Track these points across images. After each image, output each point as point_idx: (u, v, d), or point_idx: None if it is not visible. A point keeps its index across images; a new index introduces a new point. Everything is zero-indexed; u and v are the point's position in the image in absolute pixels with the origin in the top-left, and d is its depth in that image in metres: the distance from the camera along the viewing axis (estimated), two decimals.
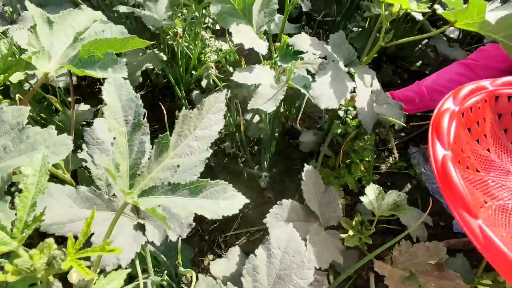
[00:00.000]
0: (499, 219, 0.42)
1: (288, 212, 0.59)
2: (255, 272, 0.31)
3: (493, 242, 0.33)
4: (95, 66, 0.50)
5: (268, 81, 0.63)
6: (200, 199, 0.26)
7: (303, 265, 0.32)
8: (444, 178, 0.36)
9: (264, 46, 0.62)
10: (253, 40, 0.59)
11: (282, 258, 0.32)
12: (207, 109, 0.32)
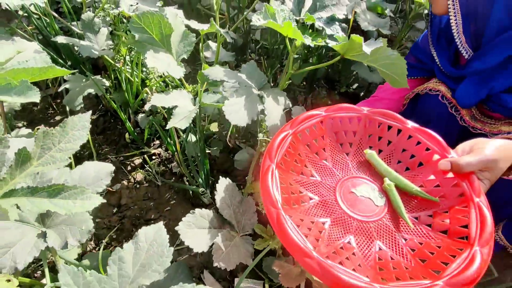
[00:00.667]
0: (319, 210, 0.54)
1: (201, 220, 0.64)
2: (120, 262, 0.36)
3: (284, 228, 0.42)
4: (11, 93, 0.55)
5: (185, 103, 0.71)
6: (57, 199, 0.32)
7: (163, 254, 0.37)
8: (261, 180, 0.47)
9: (180, 72, 0.70)
10: (168, 66, 0.67)
11: (147, 250, 0.38)
12: (71, 127, 0.39)
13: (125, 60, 1.04)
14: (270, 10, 0.60)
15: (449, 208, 0.53)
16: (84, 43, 0.90)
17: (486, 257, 0.43)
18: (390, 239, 0.52)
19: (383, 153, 0.65)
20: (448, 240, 0.50)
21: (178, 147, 0.96)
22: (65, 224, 0.48)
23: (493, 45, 0.66)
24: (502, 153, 0.52)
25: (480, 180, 0.53)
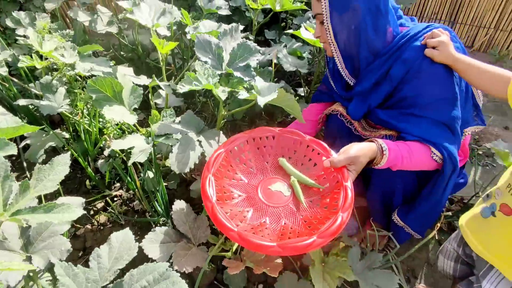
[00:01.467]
0: (246, 203, 0.76)
1: (161, 236, 0.79)
2: (98, 258, 0.49)
3: (216, 215, 0.62)
4: None
5: (140, 143, 0.88)
6: (51, 214, 0.46)
7: (130, 248, 0.52)
8: (201, 185, 0.70)
9: (133, 119, 0.88)
10: (122, 116, 0.85)
11: (118, 247, 0.52)
12: (56, 163, 0.54)
13: (83, 113, 1.19)
14: (191, 76, 0.82)
15: (330, 191, 0.76)
16: (44, 103, 1.04)
17: (345, 218, 0.67)
18: (292, 216, 0.75)
19: (291, 159, 0.88)
20: (327, 212, 0.73)
21: (138, 184, 1.10)
22: (46, 249, 0.61)
23: (364, 74, 0.95)
24: (361, 152, 0.77)
25: (349, 171, 0.77)
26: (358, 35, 0.90)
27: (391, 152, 0.80)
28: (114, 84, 0.85)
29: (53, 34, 1.20)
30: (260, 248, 0.62)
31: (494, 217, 0.70)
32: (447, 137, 0.85)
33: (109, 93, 0.87)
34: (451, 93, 0.86)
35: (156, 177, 1.04)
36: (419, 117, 0.86)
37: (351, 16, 0.88)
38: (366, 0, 0.85)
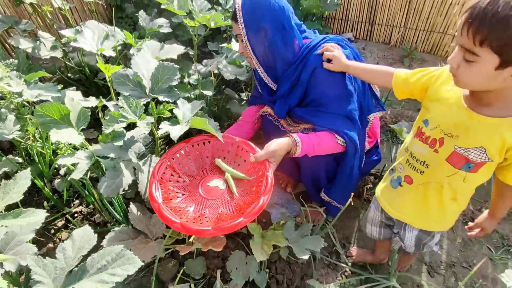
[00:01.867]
0: (188, 200, 0.93)
1: (120, 235, 0.91)
2: (64, 250, 0.61)
3: (162, 212, 0.78)
4: None
5: (83, 159, 0.98)
6: (19, 219, 0.57)
7: (90, 239, 0.65)
8: (148, 190, 0.85)
9: (80, 139, 0.98)
10: (69, 137, 0.95)
11: (80, 240, 0.64)
12: (19, 178, 0.65)
13: (35, 137, 1.26)
14: (115, 114, 0.92)
15: (257, 181, 0.95)
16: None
17: (265, 200, 0.86)
18: (227, 205, 0.93)
19: (225, 159, 1.06)
20: (253, 197, 0.91)
21: (97, 196, 1.20)
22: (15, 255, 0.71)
23: (282, 80, 1.15)
24: (278, 147, 0.97)
25: (270, 163, 0.96)
26: (271, 49, 1.09)
27: (303, 143, 1.00)
28: (60, 108, 0.96)
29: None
30: (199, 233, 0.78)
31: (401, 187, 0.90)
32: (347, 125, 1.08)
33: (56, 116, 0.97)
34: (346, 92, 1.09)
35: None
36: (324, 113, 1.08)
37: (263, 35, 1.07)
38: (273, 21, 1.05)
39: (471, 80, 0.66)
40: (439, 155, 0.78)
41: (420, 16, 2.32)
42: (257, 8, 1.05)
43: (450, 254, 1.36)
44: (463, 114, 0.72)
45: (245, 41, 1.10)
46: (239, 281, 1.01)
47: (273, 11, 1.05)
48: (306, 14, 2.31)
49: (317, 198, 1.34)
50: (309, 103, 1.13)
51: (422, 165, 0.83)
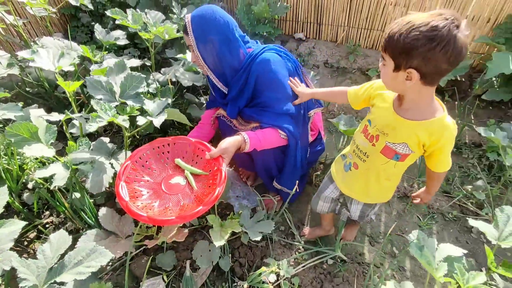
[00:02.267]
0: (153, 196, 1.07)
1: (92, 236, 1.03)
2: (43, 251, 0.74)
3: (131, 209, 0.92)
4: None
5: (60, 171, 1.09)
6: (3, 228, 0.68)
7: (65, 241, 0.78)
8: (115, 190, 0.97)
9: (51, 153, 1.08)
10: (41, 151, 1.05)
11: (56, 242, 0.77)
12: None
13: (0, 155, 1.32)
14: (94, 116, 1.05)
15: (213, 174, 1.11)
16: None
17: (221, 190, 1.02)
18: (188, 197, 1.09)
19: (184, 158, 1.21)
20: (210, 189, 1.07)
21: (67, 205, 1.29)
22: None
23: (231, 85, 1.31)
24: (229, 144, 1.13)
25: (223, 158, 1.12)
26: (220, 58, 1.25)
27: (251, 139, 1.17)
28: (29, 126, 1.05)
29: None
30: (165, 222, 0.93)
31: (350, 171, 1.13)
32: (288, 122, 1.26)
33: (26, 135, 1.06)
34: (286, 94, 1.26)
35: (82, 196, 1.26)
36: (269, 112, 1.26)
37: (212, 46, 1.22)
38: (219, 33, 1.20)
39: (385, 80, 0.88)
40: (375, 148, 0.99)
41: (360, 16, 2.57)
42: (204, 23, 1.19)
43: (387, 225, 1.61)
44: (392, 117, 0.93)
45: (196, 51, 1.24)
46: (204, 265, 1.16)
47: (218, 25, 1.20)
48: (258, 18, 2.47)
49: (272, 187, 1.53)
50: (256, 104, 1.30)
51: (364, 155, 1.05)
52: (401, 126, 0.91)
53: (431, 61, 0.75)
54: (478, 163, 1.92)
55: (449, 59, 0.74)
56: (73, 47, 1.68)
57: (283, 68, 1.26)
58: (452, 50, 0.73)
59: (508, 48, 2.10)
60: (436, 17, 0.74)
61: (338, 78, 2.58)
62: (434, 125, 0.87)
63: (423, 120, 0.88)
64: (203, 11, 1.21)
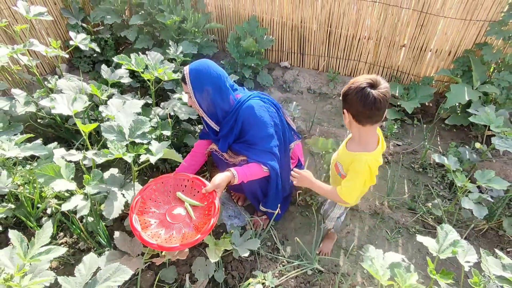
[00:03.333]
0: (160, 225, 1.32)
1: (110, 256, 1.26)
2: (79, 270, 0.97)
3: (143, 238, 1.18)
4: None
5: (81, 202, 1.32)
6: (50, 254, 0.91)
7: (95, 261, 1.01)
8: (130, 222, 1.22)
9: (72, 186, 1.32)
10: (64, 186, 1.28)
11: (89, 262, 1.00)
12: (45, 227, 0.99)
13: (24, 186, 1.54)
14: (105, 152, 1.30)
15: (208, 206, 1.36)
16: None
17: (215, 220, 1.28)
18: (188, 226, 1.33)
19: (184, 191, 1.46)
20: (206, 218, 1.32)
21: (83, 228, 1.52)
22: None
23: (223, 125, 1.57)
24: (221, 180, 1.39)
25: (216, 192, 1.37)
26: (213, 103, 1.51)
27: (239, 175, 1.43)
28: (53, 167, 1.29)
29: None
30: (171, 249, 1.17)
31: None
32: (270, 158, 1.52)
33: (51, 173, 1.29)
34: (268, 134, 1.52)
35: (96, 219, 1.49)
36: (254, 149, 1.52)
37: (207, 94, 1.48)
38: (213, 84, 1.47)
39: (345, 123, 1.26)
40: (332, 167, 1.43)
41: (338, 48, 2.89)
42: (200, 76, 1.46)
43: (360, 239, 1.88)
44: (343, 149, 1.36)
45: (193, 98, 1.50)
46: (201, 278, 1.40)
47: (212, 77, 1.47)
48: (247, 51, 2.75)
49: (259, 208, 1.78)
50: (243, 141, 1.57)
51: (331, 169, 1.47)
52: (342, 153, 1.36)
53: (353, 105, 1.16)
54: (440, 181, 2.22)
55: (364, 106, 1.12)
56: (83, 86, 1.92)
57: (265, 112, 1.53)
58: (365, 100, 1.10)
59: (464, 80, 2.42)
60: (364, 80, 1.13)
61: (319, 103, 2.87)
62: (354, 157, 1.26)
63: (352, 152, 1.29)
64: (199, 65, 1.48)
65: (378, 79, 1.12)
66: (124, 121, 1.49)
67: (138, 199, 1.31)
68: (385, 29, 2.64)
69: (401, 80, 2.84)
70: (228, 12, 3.07)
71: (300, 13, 2.81)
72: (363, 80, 1.12)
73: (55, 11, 2.76)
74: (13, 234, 0.95)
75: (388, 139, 2.50)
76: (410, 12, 2.50)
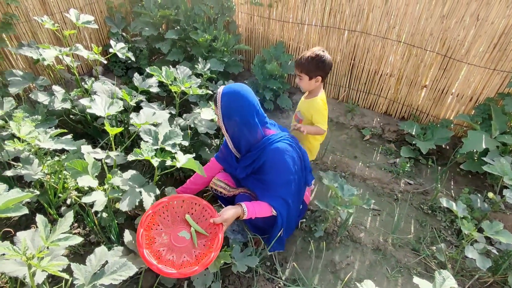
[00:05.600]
0: (163, 245, 1.42)
1: (119, 252, 1.36)
2: (90, 260, 1.07)
3: (145, 257, 1.28)
4: (10, 211, 1.21)
5: (100, 197, 1.45)
6: (69, 240, 1.02)
7: (105, 254, 1.11)
8: (137, 235, 1.34)
9: (95, 183, 1.45)
10: (88, 182, 1.41)
11: (99, 254, 1.10)
12: (66, 217, 1.11)
13: (51, 175, 1.70)
14: (137, 152, 1.44)
15: (213, 237, 1.45)
16: (25, 172, 1.55)
17: (216, 254, 1.36)
18: (189, 253, 1.42)
19: (193, 214, 1.56)
20: (208, 250, 1.40)
21: (97, 222, 1.64)
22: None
23: (245, 156, 1.66)
24: (230, 215, 1.47)
25: (223, 225, 1.46)
26: (239, 133, 1.58)
27: (249, 212, 1.51)
28: (82, 163, 1.43)
29: (25, 120, 1.70)
30: (168, 275, 1.27)
31: None
32: (281, 204, 1.59)
33: (80, 169, 1.43)
34: (287, 180, 1.59)
35: (110, 216, 1.61)
36: (268, 191, 1.59)
37: (234, 123, 1.56)
38: (242, 117, 1.53)
39: (303, 86, 2.02)
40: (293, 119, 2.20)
41: (360, 80, 2.98)
42: (231, 105, 1.51)
43: (359, 272, 1.89)
44: (302, 101, 2.13)
45: (220, 121, 1.59)
46: (199, 287, 1.47)
47: (242, 109, 1.50)
48: (270, 74, 2.90)
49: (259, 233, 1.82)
50: (259, 179, 1.65)
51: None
52: (302, 103, 2.14)
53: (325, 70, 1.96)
54: (449, 226, 2.21)
55: (330, 69, 1.99)
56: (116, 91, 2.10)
57: (290, 158, 1.57)
58: (331, 65, 1.98)
59: (483, 127, 2.44)
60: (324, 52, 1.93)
61: (335, 132, 2.95)
62: (311, 102, 2.04)
63: (309, 99, 2.06)
64: (233, 94, 1.51)
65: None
66: (162, 129, 1.64)
67: (149, 214, 1.43)
68: (407, 68, 2.72)
69: (419, 119, 2.88)
70: (257, 35, 3.26)
71: (325, 43, 2.95)
72: (324, 53, 1.90)
73: (100, 18, 3.03)
74: (40, 219, 1.08)
75: (400, 177, 2.53)
76: (433, 55, 2.58)
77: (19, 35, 2.43)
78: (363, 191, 2.42)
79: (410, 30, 2.56)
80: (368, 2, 2.61)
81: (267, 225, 1.72)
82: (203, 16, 3.05)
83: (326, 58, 1.91)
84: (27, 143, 1.60)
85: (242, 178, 1.72)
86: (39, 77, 2.14)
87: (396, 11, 2.55)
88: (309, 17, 2.91)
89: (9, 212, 1.21)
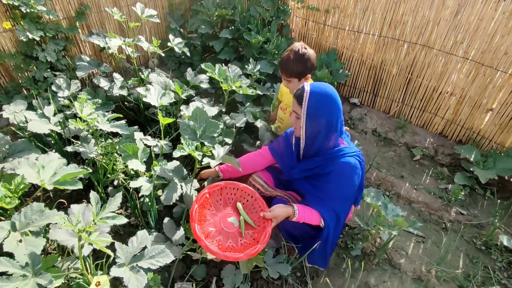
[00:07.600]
0: (212, 225, 1.44)
1: (156, 238, 1.41)
2: (132, 242, 1.11)
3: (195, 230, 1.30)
4: (67, 184, 1.30)
5: (146, 184, 1.51)
6: (115, 220, 1.08)
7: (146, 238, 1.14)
8: (191, 209, 1.38)
9: (143, 168, 1.51)
10: (137, 165, 1.48)
11: (140, 238, 1.14)
12: (115, 197, 1.16)
13: (103, 156, 1.81)
14: (180, 147, 1.48)
15: (260, 230, 1.44)
16: (82, 149, 1.66)
17: (261, 247, 1.35)
18: (235, 240, 1.42)
19: (244, 204, 1.56)
20: (254, 241, 1.40)
21: (138, 205, 1.71)
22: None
23: (309, 160, 1.59)
24: (281, 213, 1.44)
25: (272, 221, 1.43)
26: (317, 134, 1.49)
27: (300, 215, 1.47)
28: (134, 147, 1.50)
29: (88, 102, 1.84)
30: (214, 253, 1.28)
31: None
32: (332, 217, 1.51)
33: (131, 152, 1.51)
34: (346, 196, 1.52)
35: (151, 202, 1.67)
36: (323, 200, 1.52)
37: (317, 124, 1.45)
38: (327, 118, 1.43)
39: (293, 88, 1.83)
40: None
41: (415, 96, 2.81)
42: (320, 106, 1.42)
43: None
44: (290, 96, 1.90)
45: (302, 121, 1.47)
46: (228, 285, 1.47)
47: (330, 113, 1.42)
48: (320, 81, 2.84)
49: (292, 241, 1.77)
50: (316, 185, 1.58)
51: None
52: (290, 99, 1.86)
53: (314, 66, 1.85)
54: (505, 268, 1.98)
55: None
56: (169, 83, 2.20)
57: (357, 176, 1.50)
58: None
59: None
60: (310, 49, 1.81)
61: (382, 148, 2.80)
62: None
63: None
64: (323, 92, 1.42)
65: None
66: (199, 124, 1.67)
67: (205, 193, 1.47)
68: (472, 88, 2.51)
69: (480, 145, 2.64)
70: (310, 41, 3.22)
71: (382, 55, 2.83)
72: (307, 49, 1.78)
73: (161, 14, 3.20)
74: (93, 195, 1.14)
75: (451, 205, 2.33)
76: (506, 76, 2.35)
77: (90, 24, 2.64)
78: (407, 214, 2.26)
79: (481, 47, 2.36)
80: (435, 14, 2.45)
81: (302, 235, 1.67)
82: (258, 18, 3.08)
83: (311, 53, 1.78)
84: (87, 124, 1.72)
85: (295, 179, 1.68)
86: (103, 64, 2.30)
87: (467, 26, 2.36)
88: (367, 26, 2.81)
89: (66, 185, 1.30)
